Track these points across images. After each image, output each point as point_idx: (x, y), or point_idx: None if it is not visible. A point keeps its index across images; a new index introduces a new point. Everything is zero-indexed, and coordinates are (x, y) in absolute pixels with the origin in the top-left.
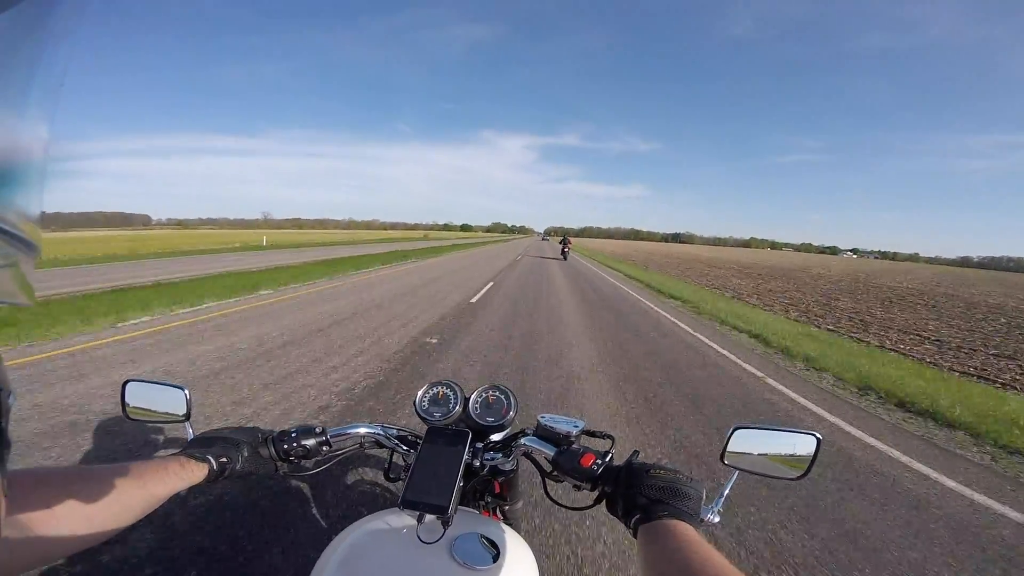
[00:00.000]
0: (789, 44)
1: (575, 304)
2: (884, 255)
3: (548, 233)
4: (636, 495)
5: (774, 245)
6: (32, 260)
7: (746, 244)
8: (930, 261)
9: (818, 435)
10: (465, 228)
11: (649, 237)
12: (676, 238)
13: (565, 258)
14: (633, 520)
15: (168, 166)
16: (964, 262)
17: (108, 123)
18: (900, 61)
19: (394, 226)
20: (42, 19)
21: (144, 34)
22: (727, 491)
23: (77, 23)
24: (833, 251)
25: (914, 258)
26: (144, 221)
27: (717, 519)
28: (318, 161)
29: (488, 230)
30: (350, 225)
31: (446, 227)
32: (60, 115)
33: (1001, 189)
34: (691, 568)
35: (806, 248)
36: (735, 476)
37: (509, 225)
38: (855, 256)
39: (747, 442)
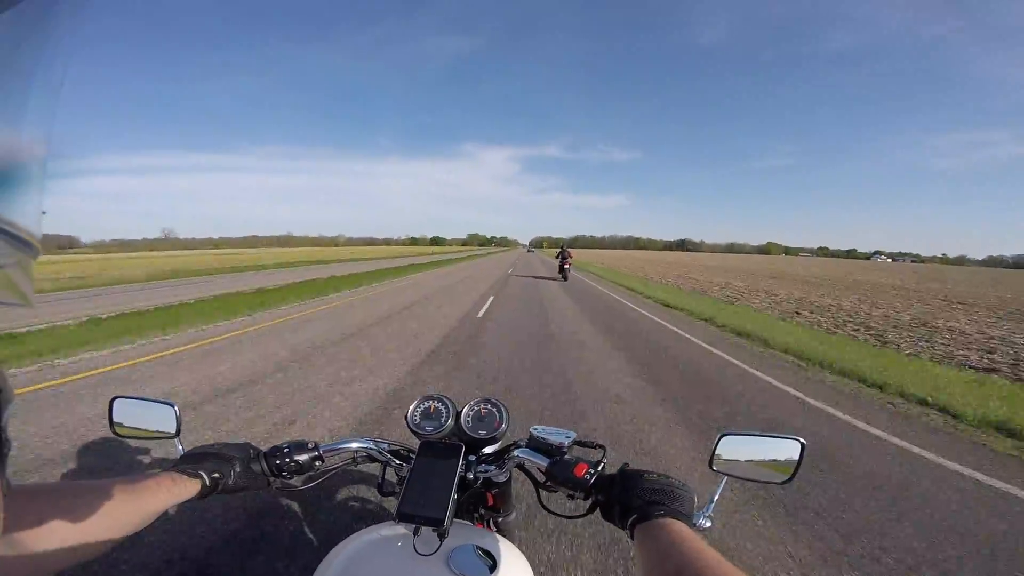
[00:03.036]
0: (776, 45)
1: None
2: (915, 259)
3: (534, 244)
4: (632, 498)
5: (788, 250)
6: (32, 261)
7: (764, 251)
8: (959, 262)
9: (802, 440)
10: (436, 241)
11: (649, 245)
12: (681, 245)
13: (565, 278)
14: (630, 521)
15: (135, 185)
16: (995, 262)
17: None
18: (870, 58)
19: (353, 241)
20: (42, 19)
21: (113, 47)
22: (716, 497)
23: (77, 23)
24: (852, 254)
25: (945, 259)
26: (63, 244)
27: (708, 524)
28: (294, 177)
29: (464, 243)
30: (288, 242)
31: (414, 241)
32: (59, 117)
33: (990, 187)
34: (686, 562)
35: (823, 252)
36: (724, 482)
37: (488, 236)
38: (891, 261)
39: (734, 449)
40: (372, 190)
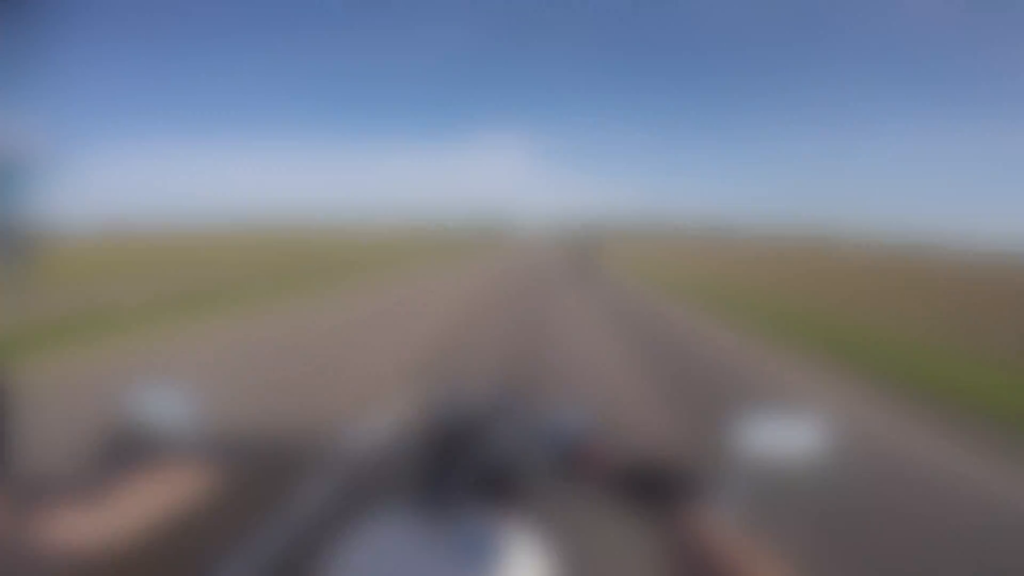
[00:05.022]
0: None
1: None
2: None
3: (555, 229)
4: (656, 485)
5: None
6: (32, 261)
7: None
8: None
9: (831, 424)
10: (433, 226)
11: (684, 231)
12: (730, 233)
13: (597, 284)
14: (655, 510)
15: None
16: None
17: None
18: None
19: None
20: (42, 19)
21: (124, 38)
22: (739, 486)
23: (76, 23)
24: None
25: None
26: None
27: (735, 513)
28: (291, 161)
29: (462, 228)
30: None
31: (410, 227)
32: (59, 116)
33: None
34: (720, 551)
35: None
36: (745, 470)
37: (490, 220)
38: None
39: (757, 434)
40: (369, 175)
